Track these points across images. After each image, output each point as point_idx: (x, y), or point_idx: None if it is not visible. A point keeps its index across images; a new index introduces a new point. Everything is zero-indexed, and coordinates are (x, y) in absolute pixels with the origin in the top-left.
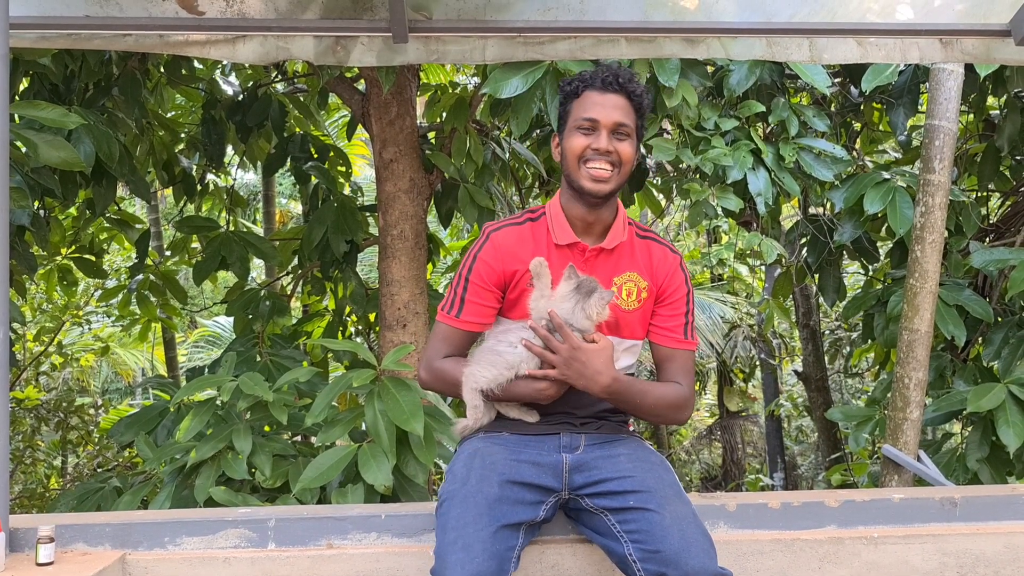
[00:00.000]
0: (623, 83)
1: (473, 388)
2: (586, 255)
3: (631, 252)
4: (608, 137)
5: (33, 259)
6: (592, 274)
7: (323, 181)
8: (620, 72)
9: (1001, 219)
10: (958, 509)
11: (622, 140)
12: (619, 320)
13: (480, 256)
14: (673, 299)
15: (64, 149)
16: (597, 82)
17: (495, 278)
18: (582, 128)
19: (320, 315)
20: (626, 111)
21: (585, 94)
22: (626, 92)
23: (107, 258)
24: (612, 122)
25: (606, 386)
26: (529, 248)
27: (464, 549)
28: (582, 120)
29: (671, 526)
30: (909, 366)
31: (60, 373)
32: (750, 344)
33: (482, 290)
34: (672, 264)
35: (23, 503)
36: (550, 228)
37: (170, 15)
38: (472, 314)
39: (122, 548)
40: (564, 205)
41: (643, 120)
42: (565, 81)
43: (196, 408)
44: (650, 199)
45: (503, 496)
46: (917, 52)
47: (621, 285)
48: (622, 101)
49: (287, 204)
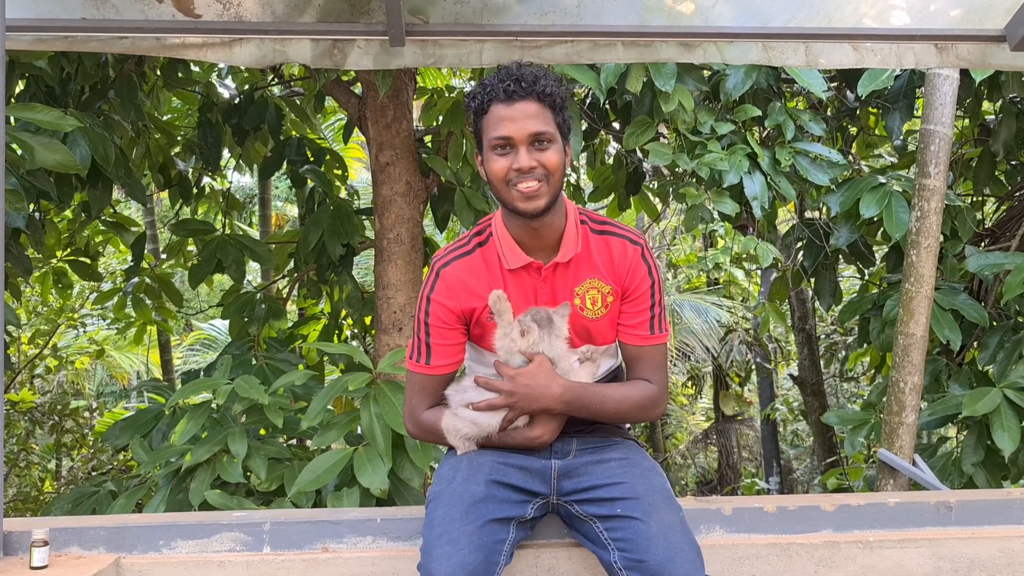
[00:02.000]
0: (527, 87)
1: (461, 437)
2: (543, 274)
3: (588, 257)
4: (527, 152)
5: (28, 262)
6: (552, 290)
7: (319, 184)
8: (523, 74)
9: (996, 223)
10: (953, 513)
11: (544, 149)
12: (588, 329)
13: (433, 298)
14: (636, 295)
15: (60, 152)
16: (500, 93)
17: (453, 317)
18: (497, 148)
19: (316, 318)
20: (540, 116)
21: (492, 109)
22: (535, 95)
23: (102, 261)
24: (527, 135)
25: (559, 396)
26: (483, 279)
27: (450, 543)
28: (495, 139)
29: (657, 535)
30: (905, 370)
31: (55, 376)
32: (746, 348)
33: (445, 330)
34: (633, 258)
35: (17, 506)
36: (500, 253)
37: (167, 18)
38: (441, 357)
39: (116, 552)
40: (507, 225)
41: (565, 112)
42: (468, 96)
43: (191, 411)
44: (646, 203)
45: (489, 495)
46: (913, 57)
47: (584, 295)
48: (532, 107)
49: (283, 207)
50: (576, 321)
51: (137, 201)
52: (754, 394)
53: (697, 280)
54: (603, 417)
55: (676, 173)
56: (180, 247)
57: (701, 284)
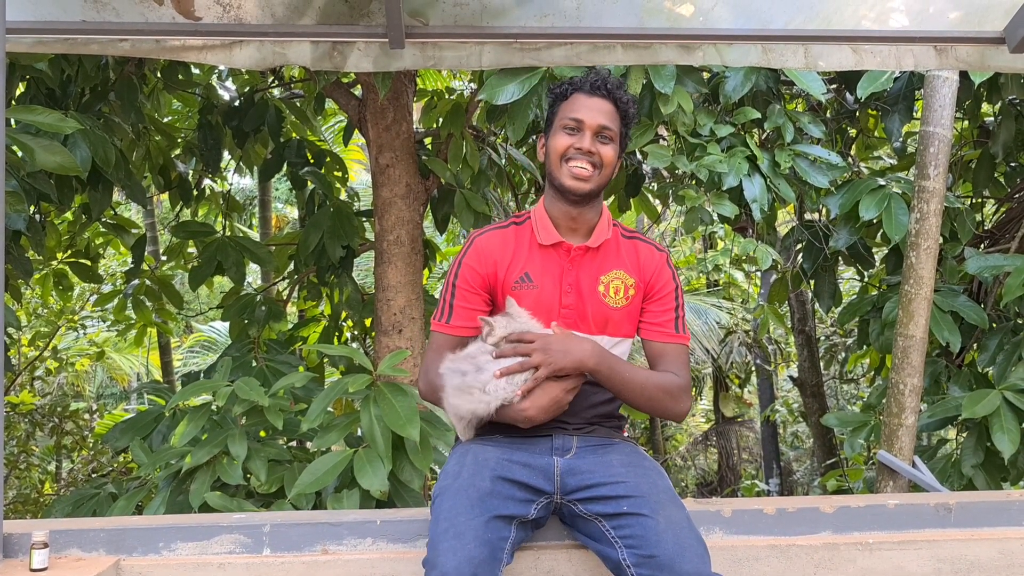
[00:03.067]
0: (610, 89)
1: (459, 419)
2: (571, 254)
3: (616, 250)
4: (592, 138)
5: (29, 264)
6: (578, 273)
7: (319, 186)
8: (609, 79)
9: (996, 225)
10: (953, 515)
11: (605, 143)
12: (607, 317)
13: (464, 261)
14: (661, 295)
15: (60, 154)
16: (586, 86)
17: (480, 281)
18: (567, 128)
19: (316, 320)
20: (611, 116)
21: (573, 96)
22: (613, 98)
23: (103, 263)
24: (597, 124)
25: (592, 351)
26: (511, 249)
27: (456, 537)
28: (568, 119)
29: (665, 531)
30: (904, 372)
31: (55, 378)
32: (746, 350)
33: (469, 294)
34: (659, 261)
35: (17, 508)
36: (535, 229)
37: (167, 20)
38: (462, 319)
39: (117, 554)
40: (548, 206)
41: (628, 129)
42: (555, 84)
43: (191, 413)
44: (646, 205)
45: (495, 490)
46: (912, 59)
47: (608, 283)
48: (608, 106)
49: (283, 209)
50: (597, 308)
51: (137, 203)
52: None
53: (697, 282)
54: (627, 392)
55: (676, 175)
56: (180, 249)
57: (701, 286)
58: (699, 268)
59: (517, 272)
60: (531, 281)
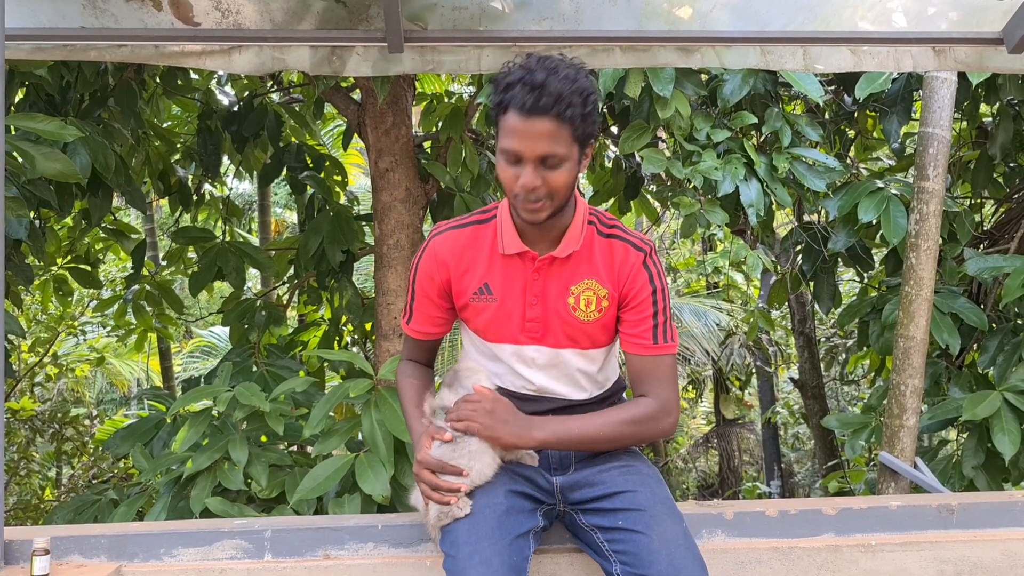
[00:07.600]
0: (547, 103)
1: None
2: (536, 264)
3: (589, 257)
4: (534, 170)
5: (29, 270)
6: (544, 283)
7: (319, 191)
8: (547, 87)
9: (995, 226)
10: (955, 516)
11: (553, 168)
12: (577, 331)
13: (420, 266)
14: (636, 302)
15: (60, 160)
16: (518, 102)
17: (435, 289)
18: (507, 157)
19: (316, 325)
20: (553, 137)
21: (509, 114)
22: (554, 114)
23: (103, 268)
24: (536, 155)
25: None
26: (470, 256)
27: (483, 563)
28: (506, 148)
29: (659, 550)
30: (905, 373)
31: (55, 384)
32: (746, 352)
33: (425, 300)
34: (634, 264)
35: (18, 515)
36: (498, 235)
37: (166, 26)
38: (419, 323)
39: (118, 560)
40: (512, 213)
41: (588, 120)
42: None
43: (192, 419)
44: (646, 207)
45: (510, 507)
46: (910, 60)
47: (579, 295)
48: (548, 126)
49: (283, 214)
50: (565, 321)
51: (137, 209)
52: (755, 398)
53: (696, 284)
54: (592, 445)
55: (674, 178)
56: (180, 254)
57: (700, 288)
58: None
59: (475, 282)
60: (491, 294)
